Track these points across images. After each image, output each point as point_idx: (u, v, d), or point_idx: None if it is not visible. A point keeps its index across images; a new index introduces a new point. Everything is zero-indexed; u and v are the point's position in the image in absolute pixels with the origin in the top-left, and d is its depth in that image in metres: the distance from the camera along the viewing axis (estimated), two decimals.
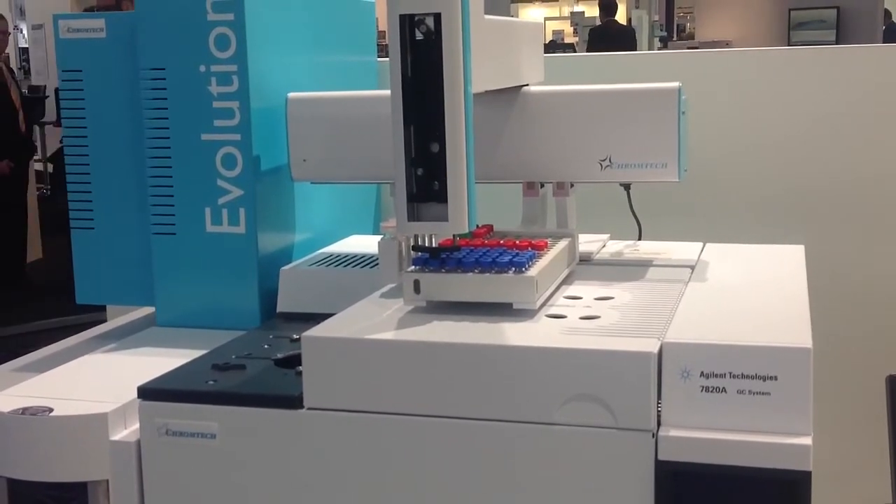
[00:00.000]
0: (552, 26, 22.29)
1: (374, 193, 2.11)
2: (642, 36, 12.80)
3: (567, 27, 17.16)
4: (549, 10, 23.37)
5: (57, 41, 1.72)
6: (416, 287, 1.31)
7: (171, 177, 1.67)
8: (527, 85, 1.57)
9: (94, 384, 1.44)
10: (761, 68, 2.07)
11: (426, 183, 1.25)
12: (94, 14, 1.72)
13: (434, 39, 1.22)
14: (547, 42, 17.31)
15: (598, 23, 11.58)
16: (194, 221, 1.67)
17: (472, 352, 1.19)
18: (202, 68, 1.63)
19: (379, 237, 1.88)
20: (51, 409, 1.33)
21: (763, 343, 1.14)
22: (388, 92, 1.60)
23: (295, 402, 1.25)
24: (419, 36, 1.23)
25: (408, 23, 1.23)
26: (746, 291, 1.42)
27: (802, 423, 1.12)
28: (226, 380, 1.34)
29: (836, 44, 11.27)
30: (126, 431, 1.33)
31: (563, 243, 1.47)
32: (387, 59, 1.98)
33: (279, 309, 1.66)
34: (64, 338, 1.75)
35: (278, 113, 1.67)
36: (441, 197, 1.24)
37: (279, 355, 1.43)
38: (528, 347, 1.18)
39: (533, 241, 1.41)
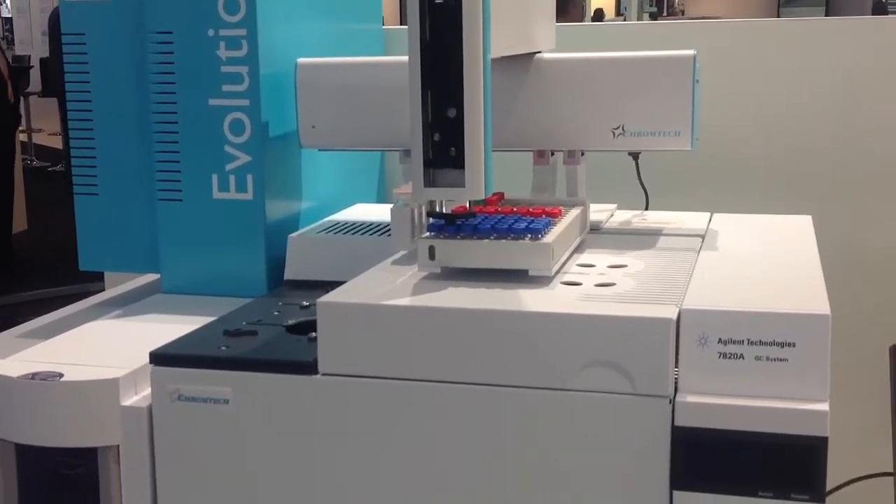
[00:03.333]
0: None
1: (377, 161, 2.10)
2: (631, 10, 12.79)
3: None
4: None
5: (61, 3, 1.69)
6: (431, 253, 1.30)
7: (177, 142, 1.65)
8: (539, 52, 1.56)
9: (103, 350, 1.43)
10: (765, 39, 2.07)
11: (443, 148, 1.24)
12: None
13: (454, 4, 1.20)
14: None
15: None
16: (201, 188, 1.65)
17: (490, 317, 1.19)
18: (210, 32, 1.61)
19: (384, 205, 1.89)
20: (61, 375, 1.31)
21: (782, 310, 1.14)
22: (399, 58, 1.61)
23: (310, 367, 1.25)
24: (439, 0, 1.21)
25: None
26: (759, 260, 1.42)
27: (820, 389, 1.12)
28: (238, 345, 1.33)
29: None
30: (137, 397, 1.32)
31: (575, 211, 1.47)
32: (394, 26, 1.97)
33: (286, 276, 1.66)
34: (52, 309, 1.73)
35: (287, 78, 1.66)
36: (458, 163, 1.23)
37: (290, 321, 1.42)
38: (545, 314, 1.18)
39: (546, 209, 1.41)
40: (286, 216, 1.72)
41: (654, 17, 13.12)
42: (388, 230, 1.67)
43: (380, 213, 1.81)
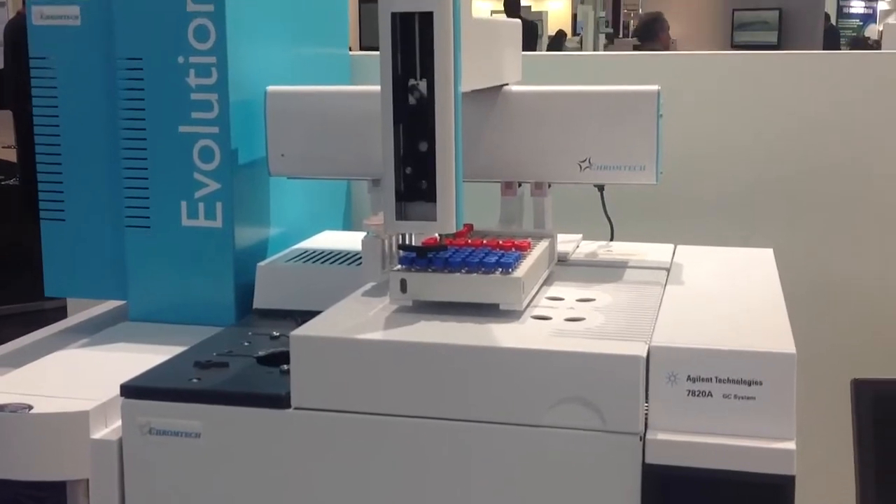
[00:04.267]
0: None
1: (344, 188, 2.11)
2: (588, 31, 12.93)
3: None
4: (494, 3, 23.42)
5: (30, 27, 1.69)
6: (403, 286, 1.31)
7: (146, 169, 1.65)
8: (507, 84, 1.58)
9: (72, 380, 1.42)
10: (729, 71, 2.10)
11: (414, 182, 1.25)
12: (69, 0, 1.69)
13: (425, 38, 1.22)
14: None
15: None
16: (170, 215, 1.65)
17: (462, 353, 1.20)
18: (181, 59, 1.61)
19: (352, 233, 1.90)
20: (30, 407, 1.30)
21: (748, 348, 1.17)
22: (368, 88, 1.62)
23: (282, 401, 1.25)
24: (410, 40, 1.23)
25: (399, 21, 1.22)
26: (724, 295, 1.45)
27: (786, 427, 1.15)
28: (209, 378, 1.33)
29: (778, 45, 11.47)
30: (107, 430, 1.31)
31: (543, 244, 1.49)
32: (361, 52, 1.98)
33: (255, 305, 1.66)
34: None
35: (256, 105, 1.66)
36: (429, 196, 1.24)
37: (261, 353, 1.42)
38: (518, 349, 1.19)
39: (516, 242, 1.42)
40: (255, 244, 1.72)
41: (610, 38, 13.29)
42: (357, 259, 1.68)
43: (347, 241, 1.82)
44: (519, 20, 1.67)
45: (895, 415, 1.63)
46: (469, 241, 1.44)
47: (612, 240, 1.80)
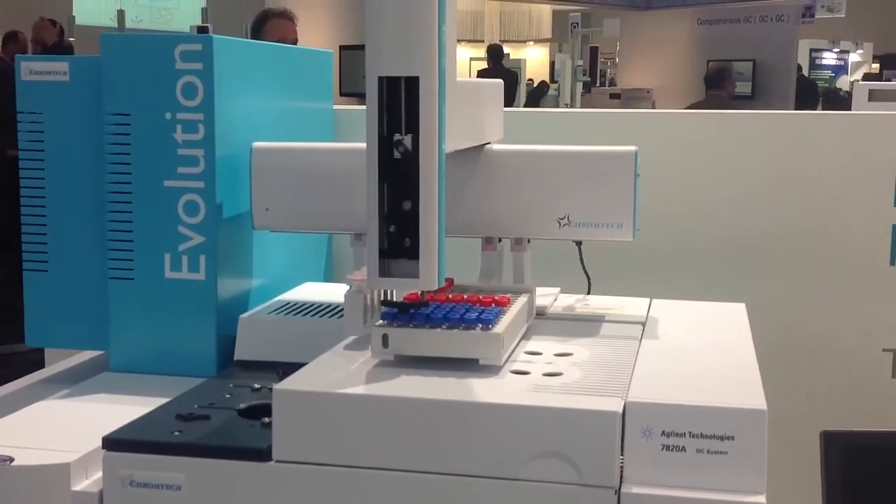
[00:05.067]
0: (477, 66, 22.59)
1: (325, 241, 2.14)
2: (565, 80, 13.09)
3: None
4: (474, 51, 23.66)
5: (18, 83, 1.71)
6: (385, 341, 1.34)
7: (131, 222, 1.67)
8: (489, 143, 1.62)
9: (53, 432, 1.44)
10: (706, 129, 2.16)
11: (398, 239, 1.28)
12: (58, 57, 1.73)
13: (411, 101, 1.25)
14: None
15: (487, 66, 12.41)
16: (153, 267, 1.67)
17: (443, 407, 1.22)
18: (168, 115, 1.64)
19: (332, 285, 1.92)
20: (11, 459, 1.32)
21: (721, 404, 1.20)
22: (352, 145, 1.66)
23: (264, 454, 1.27)
24: (396, 100, 1.26)
25: (385, 84, 1.26)
26: (698, 350, 1.48)
27: (757, 481, 1.18)
28: (191, 430, 1.34)
29: (752, 95, 11.65)
30: (88, 482, 1.33)
31: (523, 299, 1.52)
32: (345, 106, 2.02)
33: (237, 356, 1.67)
34: None
35: (241, 160, 1.69)
36: (412, 254, 1.27)
37: (242, 405, 1.44)
38: (496, 404, 1.22)
39: (496, 298, 1.46)
40: (237, 295, 1.74)
41: (587, 86, 13.46)
42: (338, 312, 1.71)
43: (328, 293, 1.85)
44: (500, 80, 1.71)
45: (864, 466, 1.66)
46: (450, 296, 1.47)
47: (588, 293, 1.83)
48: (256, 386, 1.52)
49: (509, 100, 12.53)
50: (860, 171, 2.04)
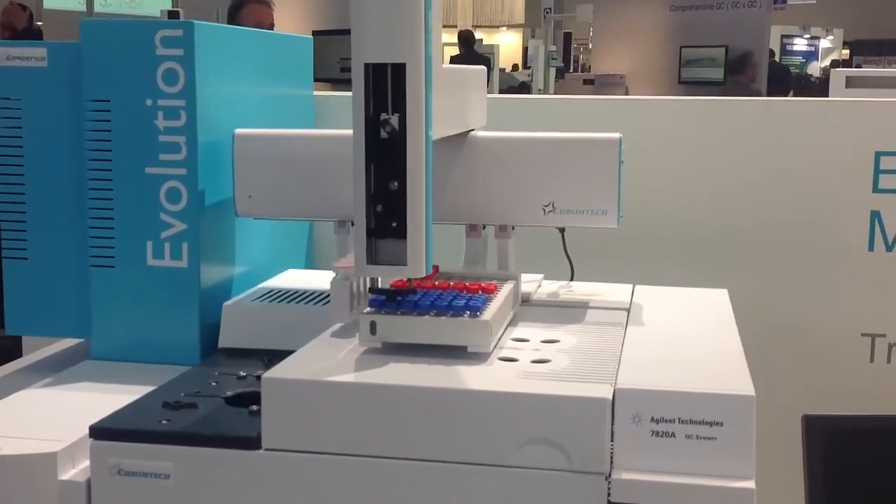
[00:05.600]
0: (450, 51, 22.54)
1: (307, 228, 2.13)
2: (538, 65, 13.09)
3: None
4: (446, 36, 23.61)
5: None
6: (373, 328, 1.34)
7: (112, 209, 1.66)
8: (473, 130, 1.61)
9: (37, 421, 1.42)
10: (684, 117, 2.16)
11: (385, 219, 1.26)
12: (36, 42, 1.70)
13: (397, 87, 1.24)
14: None
15: (459, 52, 12.39)
16: (135, 255, 1.66)
17: (432, 395, 1.22)
18: (149, 102, 1.62)
19: (315, 272, 1.92)
20: None
21: (710, 390, 1.21)
22: (335, 131, 1.66)
23: (253, 442, 1.26)
24: (382, 85, 1.25)
25: (371, 70, 1.25)
26: (684, 335, 1.49)
27: (746, 467, 1.19)
28: (178, 419, 1.34)
29: (724, 81, 11.69)
30: (74, 471, 1.32)
31: (508, 286, 1.52)
32: (325, 92, 2.01)
33: (221, 344, 1.67)
34: None
35: (223, 147, 1.68)
36: (399, 233, 1.25)
37: (229, 393, 1.43)
38: (486, 392, 1.22)
39: (482, 285, 1.46)
40: (220, 283, 1.73)
41: (560, 72, 13.48)
42: (322, 299, 1.70)
43: (311, 280, 1.84)
44: (483, 67, 1.71)
45: (846, 449, 1.68)
46: (436, 283, 1.47)
47: (572, 279, 1.84)
48: (242, 374, 1.51)
49: None
50: (840, 157, 2.05)
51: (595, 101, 2.25)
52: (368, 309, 1.36)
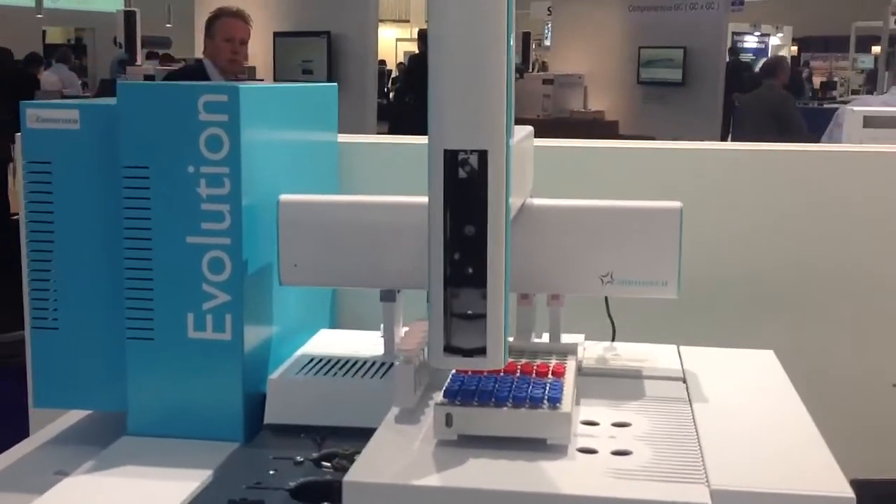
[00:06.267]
0: (403, 47, 22.47)
1: None
2: None
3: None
4: (400, 31, 23.55)
5: (24, 130, 1.62)
6: (449, 420, 1.30)
7: (151, 279, 1.59)
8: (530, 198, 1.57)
9: None
10: (713, 165, 2.14)
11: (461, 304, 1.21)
12: (67, 104, 1.63)
13: (478, 175, 1.19)
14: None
15: (418, 51, 12.36)
16: (175, 327, 1.59)
17: (525, 499, 1.18)
18: (191, 169, 1.56)
19: (349, 332, 1.88)
20: None
21: (808, 492, 1.18)
22: (380, 198, 1.61)
23: None
24: (462, 174, 1.20)
25: (450, 158, 1.19)
26: (751, 413, 1.47)
27: None
28: None
29: (683, 82, 11.78)
30: None
31: (572, 363, 1.48)
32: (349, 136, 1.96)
33: (267, 420, 1.61)
34: None
35: (266, 211, 1.62)
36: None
37: (291, 484, 1.38)
38: (583, 497, 1.18)
39: (552, 367, 1.42)
40: (262, 352, 1.67)
41: (519, 71, 13.47)
42: (367, 368, 1.66)
43: (347, 343, 1.80)
44: (531, 128, 1.66)
45: None
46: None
47: (613, 340, 1.81)
48: (299, 459, 1.46)
49: None
50: (877, 208, 2.04)
51: (617, 147, 2.21)
52: (443, 399, 1.32)
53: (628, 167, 2.13)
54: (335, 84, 2.05)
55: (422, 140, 2.35)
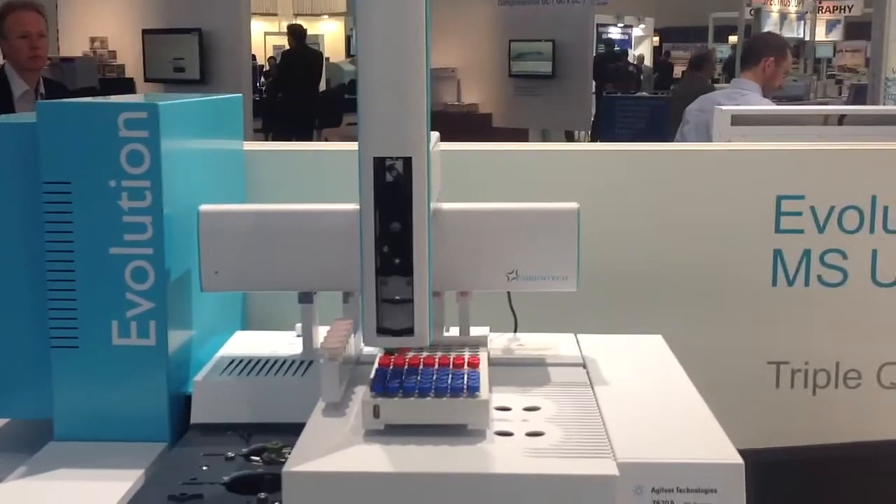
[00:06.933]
0: (272, 41, 22.27)
1: None
2: None
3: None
4: (268, 25, 23.30)
5: None
6: (376, 412, 1.40)
7: (74, 290, 1.64)
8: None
9: None
10: (590, 164, 2.28)
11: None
12: None
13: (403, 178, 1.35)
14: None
15: (288, 47, 12.38)
16: (100, 334, 1.65)
17: (454, 480, 1.30)
18: (112, 183, 1.62)
19: (264, 333, 1.96)
20: None
21: (705, 460, 1.33)
22: (297, 206, 1.70)
23: None
24: (389, 178, 1.35)
25: (378, 164, 1.35)
26: (648, 395, 1.61)
27: None
28: None
29: (553, 74, 12.08)
30: None
31: (484, 354, 1.60)
32: (254, 143, 2.05)
33: (193, 420, 1.68)
34: None
35: (186, 220, 1.69)
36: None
37: (225, 478, 1.46)
38: (504, 475, 1.30)
39: (468, 358, 1.54)
40: (184, 355, 1.74)
41: None
42: (285, 367, 1.75)
43: (264, 344, 1.88)
44: (437, 133, 1.78)
45: (775, 484, 1.84)
46: (424, 359, 1.53)
47: (515, 331, 1.93)
48: (230, 454, 1.54)
49: (316, 83, 12.48)
50: (744, 201, 2.22)
51: (512, 150, 2.35)
52: (371, 392, 1.42)
53: (528, 169, 2.26)
54: (240, 95, 2.12)
55: (321, 146, 2.46)
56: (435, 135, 1.71)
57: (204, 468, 1.51)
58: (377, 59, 1.33)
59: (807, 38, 17.45)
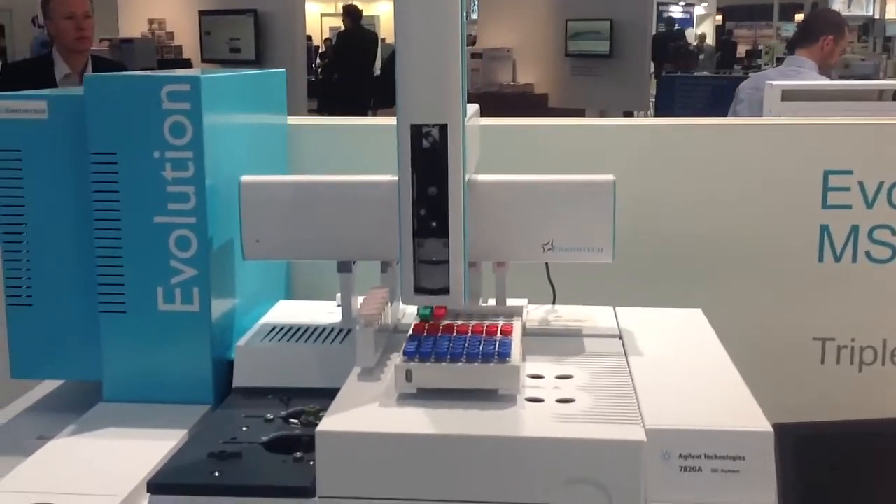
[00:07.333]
0: (329, 22, 22.38)
1: None
2: None
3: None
4: (325, 6, 23.40)
5: None
6: (409, 376, 1.43)
7: (121, 257, 1.69)
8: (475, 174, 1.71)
9: (82, 476, 1.46)
10: (639, 139, 2.29)
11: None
12: (34, 94, 1.72)
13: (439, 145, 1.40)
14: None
15: (343, 28, 12.37)
16: (146, 300, 1.70)
17: (482, 442, 1.32)
18: (156, 154, 1.66)
19: (305, 303, 2.00)
20: None
21: (734, 428, 1.34)
22: (336, 177, 1.74)
23: (308, 491, 1.34)
24: (426, 144, 1.40)
25: (416, 131, 1.40)
26: (683, 364, 1.62)
27: (767, 496, 1.32)
28: (228, 469, 1.40)
29: (611, 54, 11.98)
30: None
31: (518, 323, 1.62)
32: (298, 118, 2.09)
33: (235, 384, 1.73)
34: None
35: (229, 190, 1.73)
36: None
37: (264, 438, 1.50)
38: (531, 438, 1.32)
39: (501, 326, 1.56)
40: (228, 322, 1.79)
41: None
42: (326, 334, 1.78)
43: (306, 313, 1.92)
44: (477, 106, 1.80)
45: (817, 458, 1.84)
46: (457, 326, 1.56)
47: (554, 303, 1.95)
48: (269, 416, 1.58)
49: (371, 64, 12.53)
50: (791, 175, 2.21)
51: (551, 125, 2.35)
52: (403, 357, 1.45)
53: (562, 142, 2.27)
54: (283, 70, 2.15)
55: (363, 121, 2.48)
56: (474, 107, 1.73)
57: (244, 429, 1.55)
58: (414, 31, 1.38)
59: (876, 16, 17.05)
